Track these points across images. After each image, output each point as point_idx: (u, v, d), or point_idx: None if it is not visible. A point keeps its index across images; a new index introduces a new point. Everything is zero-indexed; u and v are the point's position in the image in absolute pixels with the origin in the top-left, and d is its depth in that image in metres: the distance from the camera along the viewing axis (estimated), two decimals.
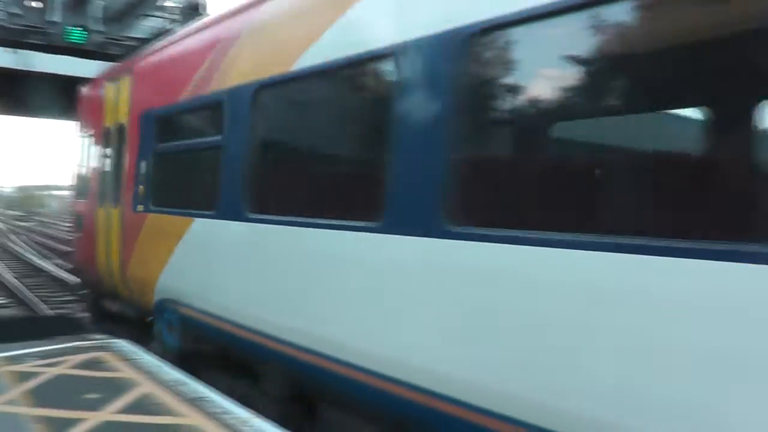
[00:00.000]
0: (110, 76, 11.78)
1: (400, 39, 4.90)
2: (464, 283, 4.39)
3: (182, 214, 8.30)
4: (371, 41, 5.24)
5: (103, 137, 11.49)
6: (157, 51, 10.05)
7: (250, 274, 6.86)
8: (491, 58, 4.56)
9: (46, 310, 16.31)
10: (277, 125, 6.99)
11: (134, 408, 6.28)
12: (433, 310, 4.63)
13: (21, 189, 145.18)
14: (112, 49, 15.90)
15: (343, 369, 5.44)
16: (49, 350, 8.58)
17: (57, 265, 23.72)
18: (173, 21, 16.87)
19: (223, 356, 7.94)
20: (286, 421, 6.14)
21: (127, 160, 10.13)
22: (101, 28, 15.48)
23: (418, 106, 4.73)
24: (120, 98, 10.82)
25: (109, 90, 11.45)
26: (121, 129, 10.57)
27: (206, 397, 6.65)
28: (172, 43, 9.56)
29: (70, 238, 18.98)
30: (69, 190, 19.42)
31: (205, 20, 9.02)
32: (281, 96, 6.71)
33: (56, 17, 14.84)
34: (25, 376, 7.32)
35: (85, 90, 13.28)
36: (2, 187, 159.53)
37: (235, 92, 6.98)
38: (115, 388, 6.89)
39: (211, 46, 7.75)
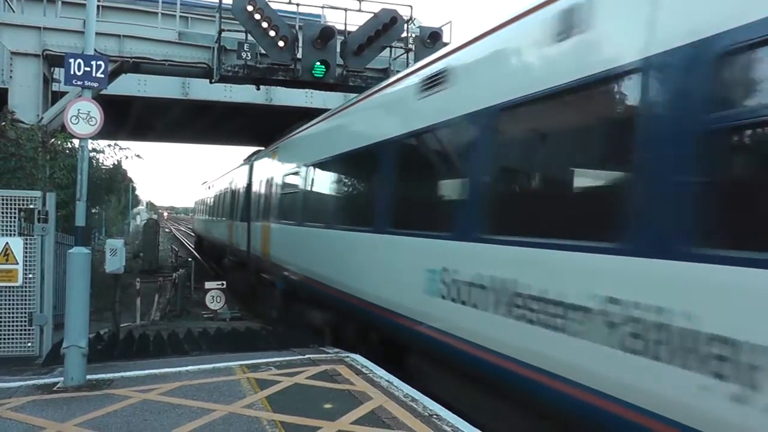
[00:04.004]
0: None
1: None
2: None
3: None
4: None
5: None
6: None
7: None
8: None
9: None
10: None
11: (368, 420, 6.23)
12: None
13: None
14: (351, 80, 16.51)
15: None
16: (286, 361, 8.91)
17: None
18: (408, 51, 17.18)
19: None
20: None
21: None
22: (341, 62, 16.19)
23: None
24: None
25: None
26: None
27: (437, 414, 6.46)
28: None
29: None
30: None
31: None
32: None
33: (299, 55, 15.80)
34: (264, 384, 7.59)
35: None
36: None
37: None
38: (349, 400, 6.91)
39: None
